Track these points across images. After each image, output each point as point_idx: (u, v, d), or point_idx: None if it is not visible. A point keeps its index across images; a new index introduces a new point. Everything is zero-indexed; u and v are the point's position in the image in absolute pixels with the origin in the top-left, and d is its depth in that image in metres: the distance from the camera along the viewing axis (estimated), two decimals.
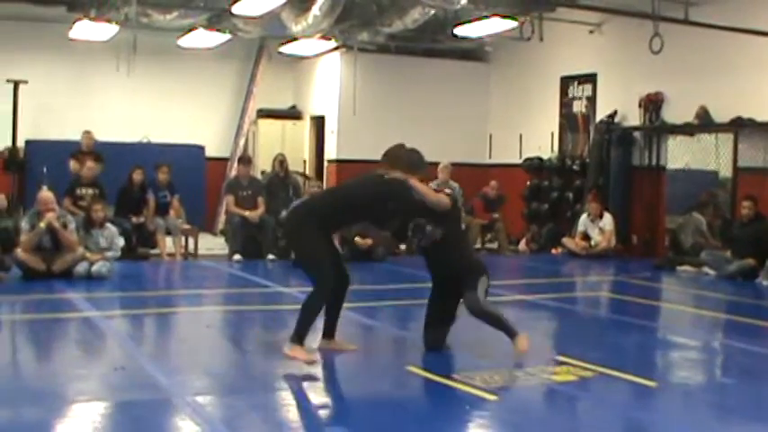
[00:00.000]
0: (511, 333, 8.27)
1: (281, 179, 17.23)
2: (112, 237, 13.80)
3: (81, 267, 12.92)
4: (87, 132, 17.68)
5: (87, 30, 18.05)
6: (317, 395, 7.29)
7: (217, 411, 6.55)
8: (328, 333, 8.44)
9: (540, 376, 7.59)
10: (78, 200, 15.53)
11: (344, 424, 6.42)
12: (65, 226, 13.01)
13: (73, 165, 16.93)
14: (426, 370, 7.68)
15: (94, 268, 12.97)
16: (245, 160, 17.55)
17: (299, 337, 7.92)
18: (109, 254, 13.51)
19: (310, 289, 8.01)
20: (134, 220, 15.95)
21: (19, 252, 12.75)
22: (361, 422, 6.45)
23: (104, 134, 19.56)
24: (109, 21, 17.57)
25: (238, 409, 6.63)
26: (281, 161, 17.46)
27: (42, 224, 12.77)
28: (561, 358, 8.30)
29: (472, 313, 8.29)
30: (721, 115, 16.38)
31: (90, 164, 16.10)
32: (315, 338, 8.33)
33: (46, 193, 13.34)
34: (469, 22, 17.93)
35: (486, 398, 6.86)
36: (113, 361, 8.19)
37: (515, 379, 7.57)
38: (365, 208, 8.36)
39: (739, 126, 16.08)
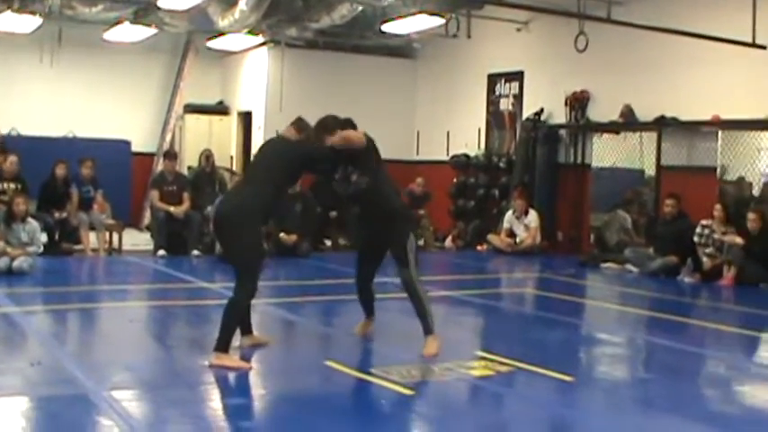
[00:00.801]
0: (428, 329, 8.32)
1: (207, 174, 17.14)
2: (34, 231, 13.59)
3: (2, 262, 12.72)
4: None
5: (10, 22, 17.80)
6: (237, 390, 7.25)
7: (135, 407, 6.49)
8: (246, 330, 8.37)
9: (457, 371, 7.60)
10: (0, 194, 15.34)
11: (261, 419, 6.43)
12: None
13: None
14: (344, 365, 7.66)
15: (15, 263, 12.79)
16: (171, 155, 17.38)
17: (225, 345, 7.61)
18: (30, 249, 13.31)
19: (232, 285, 7.87)
20: (57, 215, 15.73)
21: None
22: (277, 417, 6.45)
23: (28, 128, 19.45)
24: (33, 12, 17.34)
25: (157, 405, 6.60)
26: (207, 156, 17.36)
27: None
28: (480, 353, 8.34)
29: (405, 287, 8.35)
30: (645, 114, 16.60)
31: (12, 158, 15.86)
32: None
33: None
34: (397, 18, 17.95)
35: (403, 392, 6.87)
36: (31, 357, 8.07)
37: (432, 373, 7.55)
38: (295, 176, 8.37)
39: (663, 125, 16.28)
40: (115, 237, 16.69)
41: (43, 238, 14.04)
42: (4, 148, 16.84)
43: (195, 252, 15.75)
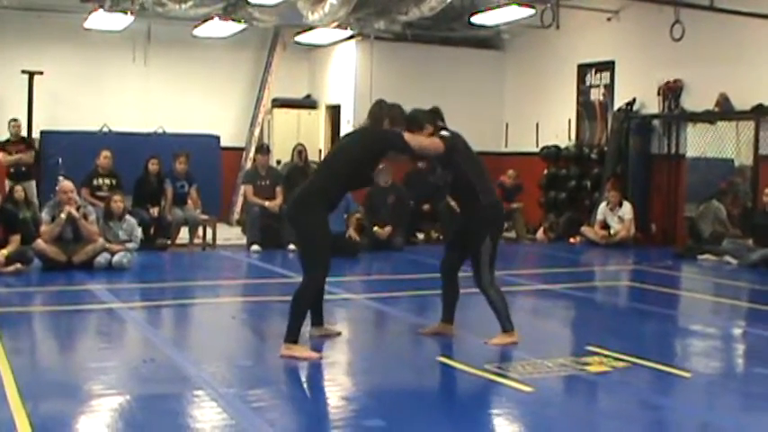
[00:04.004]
0: (504, 327, 8.32)
1: (300, 169, 17.09)
2: (132, 229, 13.76)
3: (102, 258, 12.87)
4: (15, 120, 17.63)
5: (102, 20, 18.03)
6: (349, 386, 7.21)
7: (250, 403, 6.43)
8: (317, 321, 8.45)
9: (572, 366, 7.51)
10: (96, 190, 15.50)
11: (380, 416, 6.27)
12: (85, 217, 12.95)
13: (2, 156, 16.89)
14: (458, 361, 7.61)
15: (115, 259, 12.93)
16: (264, 149, 17.35)
17: (294, 335, 7.71)
18: (129, 245, 13.47)
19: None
20: (151, 211, 15.82)
21: (39, 243, 12.69)
22: (396, 414, 6.33)
23: (119, 124, 19.64)
24: (124, 11, 17.52)
25: (271, 401, 6.56)
26: (299, 151, 17.35)
27: (63, 215, 12.71)
28: (591, 348, 8.19)
29: (478, 287, 8.39)
30: (742, 102, 16.27)
31: (106, 153, 16.00)
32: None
33: (67, 182, 13.32)
34: (486, 10, 17.84)
35: (523, 389, 6.77)
36: (140, 353, 8.13)
37: (549, 370, 7.43)
38: (367, 165, 8.20)
39: (761, 113, 15.94)
40: (209, 231, 16.76)
41: (139, 233, 14.16)
42: (30, 144, 17.25)
43: (291, 246, 15.72)
